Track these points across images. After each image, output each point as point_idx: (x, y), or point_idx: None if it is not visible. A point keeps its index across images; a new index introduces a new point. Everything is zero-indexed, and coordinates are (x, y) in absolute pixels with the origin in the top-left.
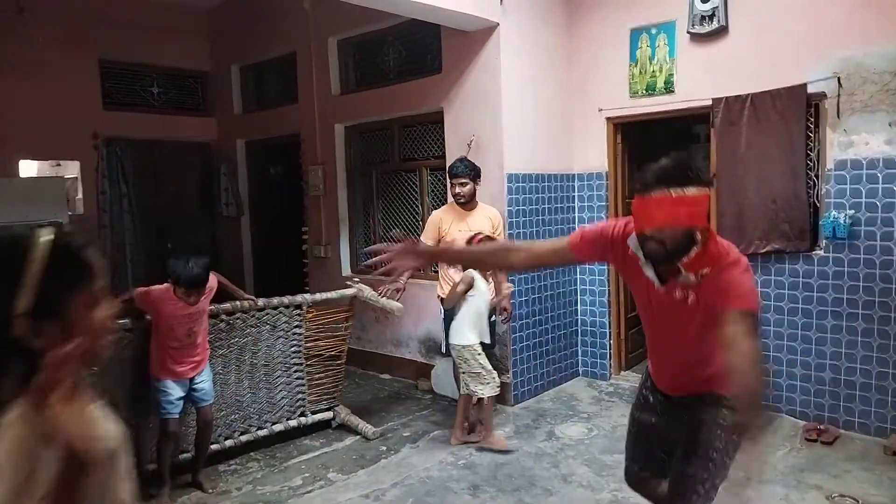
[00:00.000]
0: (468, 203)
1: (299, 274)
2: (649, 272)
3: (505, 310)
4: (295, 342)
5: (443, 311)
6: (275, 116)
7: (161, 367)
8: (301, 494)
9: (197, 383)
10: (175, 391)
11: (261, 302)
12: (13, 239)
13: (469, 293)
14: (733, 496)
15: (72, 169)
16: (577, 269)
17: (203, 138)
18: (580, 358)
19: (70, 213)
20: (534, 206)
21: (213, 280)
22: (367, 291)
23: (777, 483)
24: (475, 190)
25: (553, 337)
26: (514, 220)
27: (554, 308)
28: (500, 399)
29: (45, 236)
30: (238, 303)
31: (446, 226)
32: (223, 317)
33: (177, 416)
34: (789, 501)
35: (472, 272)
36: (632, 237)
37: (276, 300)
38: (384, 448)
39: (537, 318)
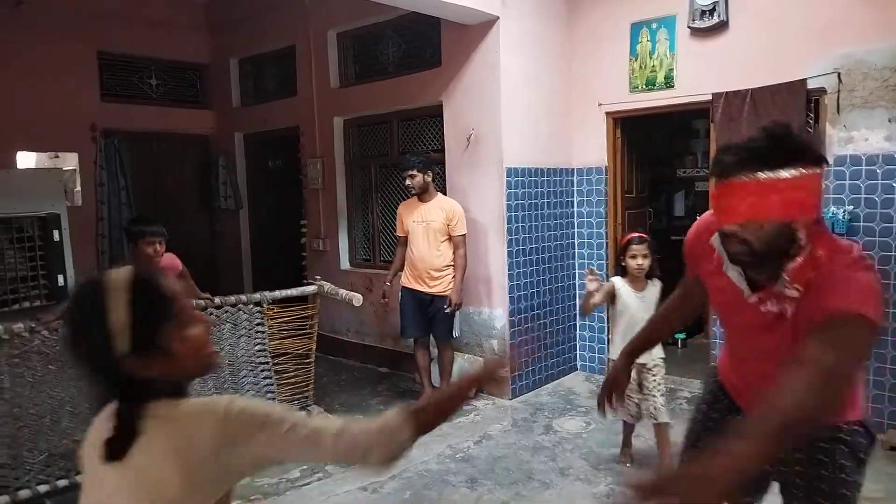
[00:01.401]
0: (422, 194)
1: (298, 267)
2: (735, 276)
3: (450, 300)
4: (259, 341)
5: (401, 296)
6: (273, 109)
7: None
8: (299, 487)
9: None
10: None
11: (217, 300)
12: (88, 287)
13: (617, 306)
14: None
15: (70, 161)
16: (576, 264)
17: (201, 131)
18: (578, 352)
19: (68, 205)
20: (532, 201)
21: (177, 261)
22: (327, 286)
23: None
24: (426, 182)
25: (551, 332)
26: (512, 213)
27: (552, 303)
28: (499, 393)
29: (120, 276)
30: (193, 301)
31: (406, 217)
32: None
33: None
34: None
35: (615, 281)
36: (715, 235)
37: (233, 298)
38: None
39: (536, 312)
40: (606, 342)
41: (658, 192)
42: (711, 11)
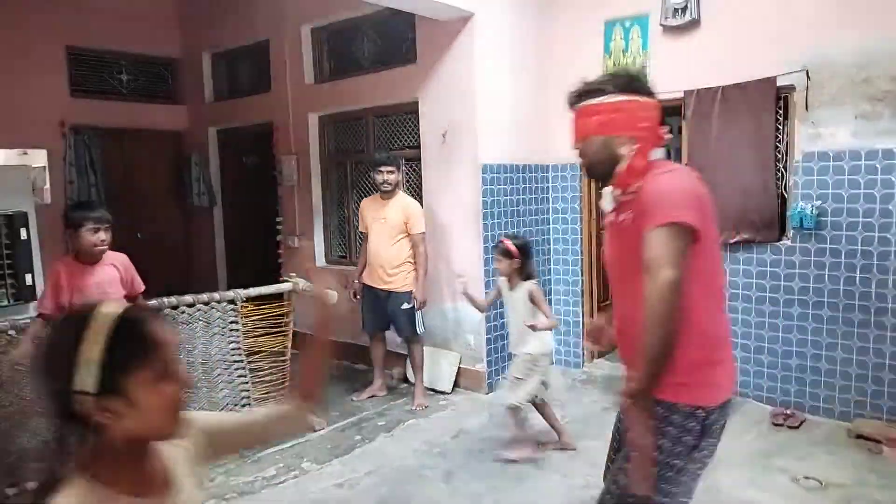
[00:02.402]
0: (392, 192)
1: (273, 264)
2: (607, 200)
3: (415, 298)
4: (233, 339)
5: (362, 292)
6: (247, 105)
7: None
8: (275, 485)
9: None
10: None
11: (189, 298)
12: (74, 315)
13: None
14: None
15: (39, 158)
16: (552, 260)
17: (173, 127)
18: (553, 347)
19: (36, 202)
20: (508, 197)
21: (126, 259)
22: (302, 283)
23: (744, 467)
24: (398, 179)
25: None
26: (488, 210)
27: None
28: (475, 387)
29: (109, 311)
30: (165, 299)
31: (367, 214)
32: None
33: None
34: (756, 484)
35: (500, 281)
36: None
37: (206, 296)
38: (359, 437)
39: None
40: (581, 336)
41: None
42: (684, 10)
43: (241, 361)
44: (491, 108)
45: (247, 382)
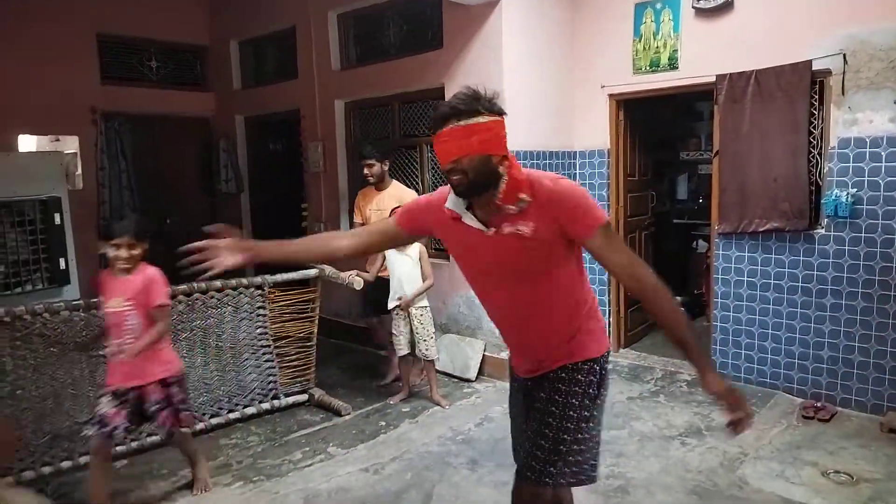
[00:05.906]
0: (379, 183)
1: None
2: (472, 221)
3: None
4: (260, 324)
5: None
6: (274, 92)
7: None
8: (301, 468)
9: None
10: None
11: (218, 283)
12: None
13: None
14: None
15: (71, 144)
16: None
17: (202, 113)
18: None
19: (69, 188)
20: None
21: (156, 279)
22: (328, 270)
23: (773, 459)
24: (383, 170)
25: None
26: None
27: None
28: (499, 375)
29: None
30: (195, 283)
31: (363, 206)
32: (181, 297)
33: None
34: (785, 477)
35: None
36: (450, 197)
37: (234, 281)
38: (383, 423)
39: None
40: (608, 325)
41: (661, 175)
42: None
43: (269, 346)
44: (517, 94)
45: (274, 367)
